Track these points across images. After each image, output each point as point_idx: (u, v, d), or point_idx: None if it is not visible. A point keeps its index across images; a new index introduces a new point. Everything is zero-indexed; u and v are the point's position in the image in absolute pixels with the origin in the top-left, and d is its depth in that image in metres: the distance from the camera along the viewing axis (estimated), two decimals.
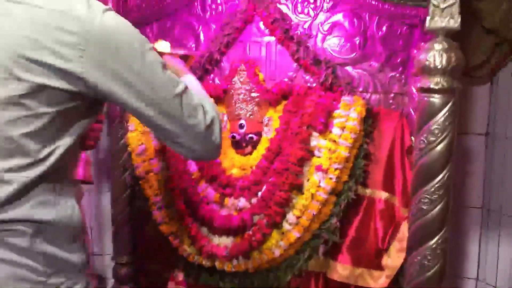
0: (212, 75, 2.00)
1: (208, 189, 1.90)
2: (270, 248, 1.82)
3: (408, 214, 1.50)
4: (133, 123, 1.98)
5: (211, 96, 1.87)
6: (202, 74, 1.99)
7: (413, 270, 1.29)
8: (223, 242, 1.86)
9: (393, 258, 1.74)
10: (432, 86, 1.25)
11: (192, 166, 1.93)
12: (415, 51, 1.69)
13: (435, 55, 1.24)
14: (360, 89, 1.80)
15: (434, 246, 1.26)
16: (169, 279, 2.05)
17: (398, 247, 1.72)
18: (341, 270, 1.82)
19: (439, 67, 1.24)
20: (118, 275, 2.21)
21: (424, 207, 1.26)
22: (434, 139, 1.25)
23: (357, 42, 1.79)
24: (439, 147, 1.25)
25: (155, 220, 1.93)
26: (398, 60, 1.75)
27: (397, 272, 1.73)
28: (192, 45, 2.00)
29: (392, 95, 1.78)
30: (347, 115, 1.75)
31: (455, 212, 1.90)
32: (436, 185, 1.25)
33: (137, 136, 1.97)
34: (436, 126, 1.24)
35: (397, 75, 1.76)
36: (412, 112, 1.73)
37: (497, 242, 1.88)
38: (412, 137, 1.69)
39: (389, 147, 1.77)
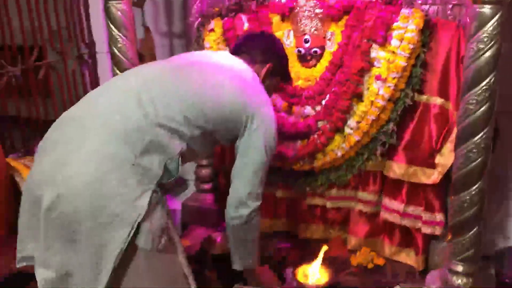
0: None
1: (277, 99, 2.13)
2: (333, 150, 2.06)
3: None
4: (208, 41, 2.19)
5: (278, 14, 2.07)
6: None
7: (459, 162, 1.48)
8: (291, 145, 2.12)
9: (445, 157, 1.93)
10: None
11: None
12: None
13: None
14: (419, 1, 1.89)
15: (478, 141, 1.44)
16: None
17: (450, 148, 1.89)
18: (396, 168, 2.04)
19: None
20: (199, 175, 2.56)
21: (471, 107, 1.43)
22: (483, 46, 1.38)
23: None
24: (487, 54, 1.38)
25: None
26: None
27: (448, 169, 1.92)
28: None
29: (450, 6, 1.86)
30: (406, 27, 1.88)
31: None
32: (483, 88, 1.40)
33: None
34: (485, 35, 1.37)
35: None
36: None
37: None
38: None
39: (445, 56, 1.89)
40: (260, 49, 1.73)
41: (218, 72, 1.55)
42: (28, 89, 2.42)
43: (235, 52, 1.73)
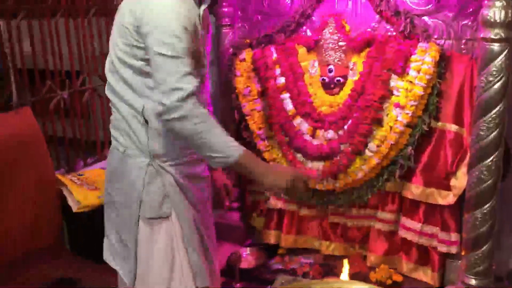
0: (304, 27, 2.34)
1: (302, 123, 2.31)
2: (354, 171, 2.21)
3: None
4: (239, 69, 2.39)
5: (304, 45, 2.26)
6: (295, 27, 2.33)
7: (472, 182, 1.62)
8: (315, 166, 2.28)
9: (460, 180, 2.05)
10: (492, 36, 1.53)
11: (289, 105, 2.33)
12: (486, 1, 1.92)
13: (496, 11, 1.51)
14: (435, 36, 2.06)
15: (489, 163, 1.58)
16: (270, 197, 2.51)
17: (464, 171, 2.01)
18: (414, 190, 2.18)
19: (498, 21, 1.51)
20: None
21: (482, 133, 1.58)
22: (492, 79, 1.54)
23: None
24: (496, 85, 1.54)
25: (258, 149, 2.38)
26: (470, 10, 1.98)
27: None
28: (288, 1, 2.35)
29: (464, 41, 2.03)
30: (423, 59, 2.04)
31: None
32: (493, 116, 1.55)
33: (243, 80, 2.38)
34: (494, 69, 1.53)
35: (469, 23, 2.00)
36: None
37: None
38: None
39: (459, 86, 2.05)
40: None
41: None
42: (74, 112, 2.64)
43: None
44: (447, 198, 2.11)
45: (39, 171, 2.13)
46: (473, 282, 1.69)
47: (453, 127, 2.09)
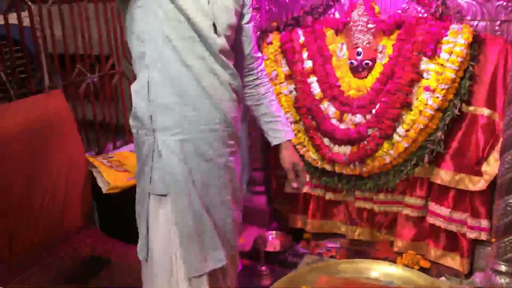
0: (333, 10, 2.30)
1: (330, 107, 2.28)
2: (382, 156, 2.19)
3: None
4: (266, 53, 2.38)
5: (332, 28, 2.22)
6: (323, 10, 2.30)
7: (504, 167, 1.59)
8: (342, 150, 2.26)
9: (491, 166, 2.01)
10: None
11: (316, 89, 2.31)
12: None
13: None
14: (468, 17, 2.00)
15: None
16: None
17: (496, 157, 1.98)
18: (443, 175, 2.15)
19: None
20: (253, 177, 2.73)
21: None
22: None
23: None
24: None
25: None
26: None
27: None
28: None
29: (498, 22, 1.97)
30: (455, 41, 1.99)
31: None
32: None
33: (270, 64, 2.37)
34: None
35: (504, 3, 1.93)
36: None
37: None
38: None
39: (493, 69, 1.99)
40: None
41: None
42: (104, 95, 2.69)
43: None
44: (478, 184, 2.07)
45: (70, 153, 2.19)
46: (503, 268, 1.66)
47: (486, 112, 2.04)
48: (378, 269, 1.41)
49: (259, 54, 1.65)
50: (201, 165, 1.44)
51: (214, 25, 1.39)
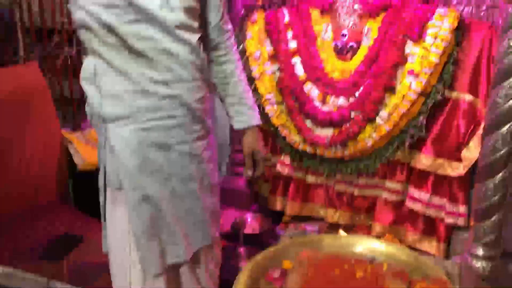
0: None
1: (313, 89, 2.25)
2: (364, 139, 2.17)
3: None
4: (250, 31, 2.33)
5: (318, 8, 2.19)
6: None
7: (486, 151, 1.58)
8: (324, 132, 2.24)
9: (471, 151, 2.02)
10: None
11: (300, 70, 2.28)
12: None
13: None
14: (454, 2, 2.00)
15: (505, 132, 1.53)
16: (277, 162, 2.49)
17: (476, 143, 1.99)
18: (424, 160, 2.15)
19: None
20: (233, 159, 2.70)
21: (500, 100, 1.53)
22: None
23: None
24: None
25: (267, 113, 2.34)
26: None
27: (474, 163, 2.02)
28: None
29: (484, 7, 1.96)
30: (440, 25, 1.98)
31: None
32: None
33: (254, 43, 2.33)
34: None
35: None
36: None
37: None
38: None
39: (477, 55, 1.99)
40: None
41: None
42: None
43: None
44: (457, 170, 2.07)
45: (45, 127, 2.13)
46: (480, 252, 1.67)
47: (468, 97, 2.04)
48: (362, 244, 1.41)
49: (229, 27, 1.54)
50: (159, 155, 1.34)
51: None
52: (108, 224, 1.41)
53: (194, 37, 1.35)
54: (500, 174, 1.59)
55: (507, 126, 1.54)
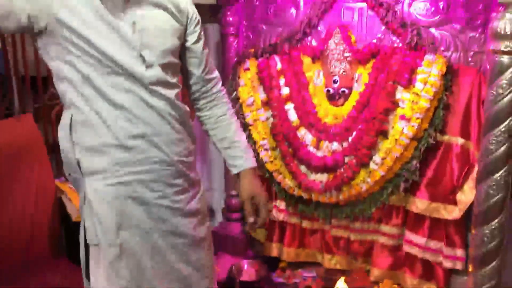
0: (310, 37, 2.32)
1: (306, 134, 2.27)
2: (358, 184, 2.18)
3: None
4: (243, 79, 2.37)
5: (309, 55, 2.23)
6: (301, 37, 2.31)
7: (481, 198, 1.59)
8: (319, 178, 2.25)
9: (466, 194, 2.02)
10: (502, 48, 1.50)
11: (293, 116, 2.30)
12: (494, 13, 1.89)
13: (506, 23, 1.49)
14: (442, 48, 2.04)
15: (498, 178, 1.55)
16: (272, 208, 2.48)
17: (471, 185, 1.98)
18: (419, 204, 2.14)
19: (508, 33, 1.49)
20: (229, 204, 2.69)
21: (491, 147, 1.55)
22: (502, 91, 1.51)
23: (441, 6, 2.02)
24: (506, 99, 1.51)
25: (262, 159, 2.34)
26: (478, 22, 1.96)
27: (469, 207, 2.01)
28: (293, 11, 2.33)
29: (472, 53, 2.00)
30: (429, 71, 2.01)
31: None
32: (502, 129, 1.52)
33: (247, 90, 2.36)
34: (504, 81, 1.51)
35: (477, 35, 1.98)
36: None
37: None
38: None
39: (466, 99, 2.02)
40: None
41: None
42: None
43: None
44: (452, 213, 2.07)
45: (39, 178, 2.11)
46: None
47: (460, 141, 2.06)
48: None
49: (214, 75, 1.50)
50: (138, 209, 1.31)
51: (141, 56, 1.25)
52: (93, 280, 1.36)
53: (171, 93, 1.33)
54: (496, 220, 1.61)
55: (500, 172, 1.57)
